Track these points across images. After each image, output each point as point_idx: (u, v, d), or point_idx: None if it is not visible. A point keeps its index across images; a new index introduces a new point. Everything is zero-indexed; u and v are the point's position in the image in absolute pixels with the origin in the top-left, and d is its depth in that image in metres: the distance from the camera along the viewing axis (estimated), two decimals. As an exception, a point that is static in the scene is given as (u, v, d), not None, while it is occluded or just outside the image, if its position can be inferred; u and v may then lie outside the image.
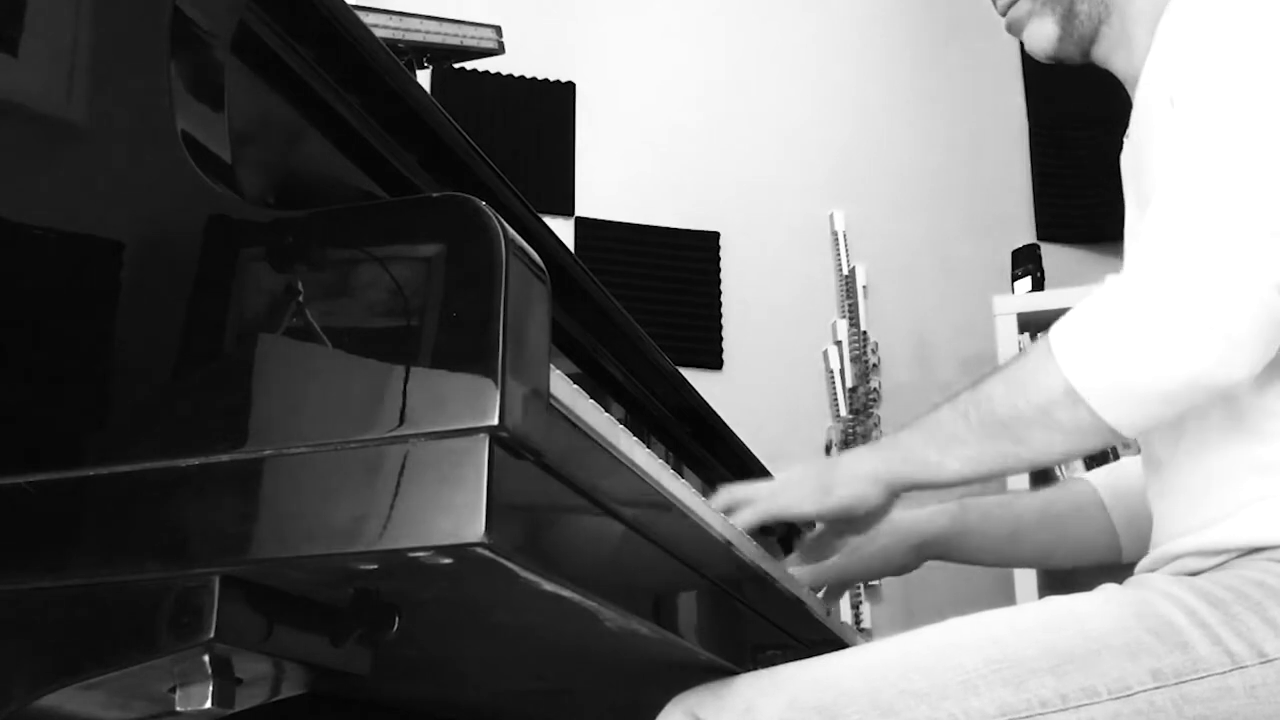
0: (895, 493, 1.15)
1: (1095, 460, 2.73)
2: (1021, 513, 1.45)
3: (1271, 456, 1.03)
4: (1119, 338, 0.97)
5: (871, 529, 1.25)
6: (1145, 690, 0.94)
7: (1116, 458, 1.57)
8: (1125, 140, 1.23)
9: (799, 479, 1.19)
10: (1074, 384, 0.98)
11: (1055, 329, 1.01)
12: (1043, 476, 2.72)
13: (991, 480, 1.11)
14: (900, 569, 1.45)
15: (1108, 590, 1.05)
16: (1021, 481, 2.68)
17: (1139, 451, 1.46)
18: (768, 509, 1.17)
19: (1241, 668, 0.95)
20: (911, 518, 1.44)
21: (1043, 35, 1.24)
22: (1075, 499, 1.44)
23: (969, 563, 1.49)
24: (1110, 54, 1.23)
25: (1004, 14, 1.27)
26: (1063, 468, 2.79)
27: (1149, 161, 1.11)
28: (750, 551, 1.12)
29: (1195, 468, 1.09)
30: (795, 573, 1.34)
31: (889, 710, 0.95)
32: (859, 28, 3.56)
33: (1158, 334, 0.95)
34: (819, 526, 1.27)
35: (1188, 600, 0.98)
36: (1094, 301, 1.00)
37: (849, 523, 1.21)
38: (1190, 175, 0.99)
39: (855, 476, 1.15)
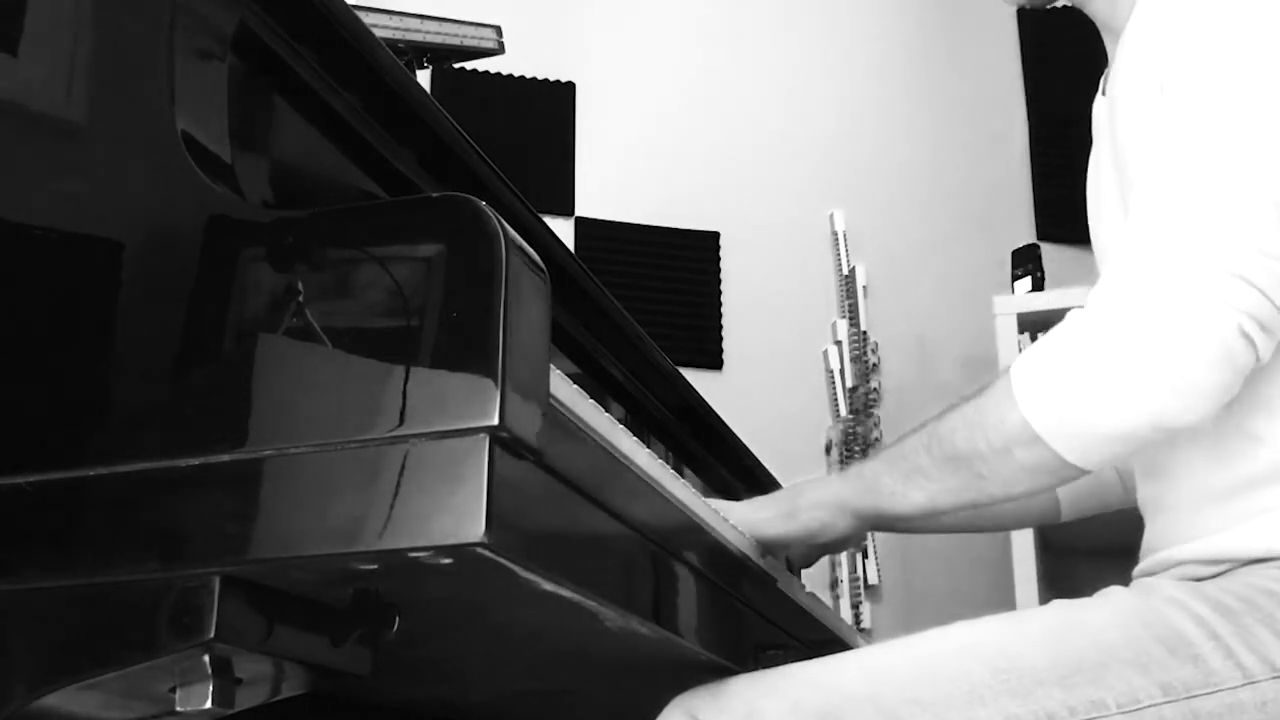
0: (863, 520, 1.16)
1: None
2: None
3: (1268, 473, 1.02)
4: (1078, 378, 0.96)
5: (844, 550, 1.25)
6: (1154, 704, 0.92)
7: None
8: (1100, 94, 1.20)
9: (766, 502, 1.20)
10: (1033, 425, 0.97)
11: (1016, 366, 1.01)
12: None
13: (962, 511, 1.10)
14: (843, 541, 1.31)
15: (1115, 597, 1.03)
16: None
17: None
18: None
19: (1253, 682, 0.93)
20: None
21: None
22: None
23: (910, 532, 1.49)
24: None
25: None
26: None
27: (1130, 145, 1.08)
28: (750, 551, 1.13)
29: (1194, 482, 1.07)
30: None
31: (893, 717, 0.94)
32: (860, 28, 3.56)
33: (1117, 376, 0.94)
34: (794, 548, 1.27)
35: (1198, 609, 0.96)
36: (1054, 339, 0.99)
37: (820, 546, 1.22)
38: (1156, 210, 0.97)
39: (818, 504, 1.16)
